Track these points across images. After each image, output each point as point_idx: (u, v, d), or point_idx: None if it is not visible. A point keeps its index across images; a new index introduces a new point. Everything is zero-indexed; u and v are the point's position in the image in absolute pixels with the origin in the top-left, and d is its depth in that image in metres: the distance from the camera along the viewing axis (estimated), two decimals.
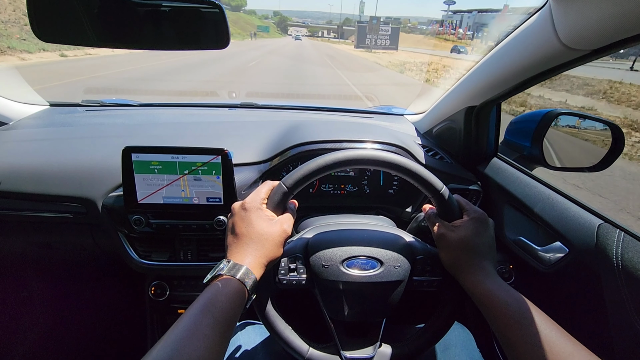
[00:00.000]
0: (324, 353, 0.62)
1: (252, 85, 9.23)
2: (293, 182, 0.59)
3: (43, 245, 1.04)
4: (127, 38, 0.64)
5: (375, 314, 0.64)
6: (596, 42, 0.50)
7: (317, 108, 1.40)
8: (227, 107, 1.38)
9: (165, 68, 11.73)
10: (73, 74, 8.99)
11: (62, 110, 1.27)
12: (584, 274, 0.65)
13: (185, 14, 0.64)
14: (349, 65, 19.81)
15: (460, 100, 0.92)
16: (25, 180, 0.88)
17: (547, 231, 0.75)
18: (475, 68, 0.83)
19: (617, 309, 0.59)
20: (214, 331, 0.44)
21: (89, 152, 0.95)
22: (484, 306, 0.52)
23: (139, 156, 0.80)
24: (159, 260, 0.91)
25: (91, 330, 1.37)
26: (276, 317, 0.61)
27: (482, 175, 0.96)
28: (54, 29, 0.61)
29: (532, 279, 0.80)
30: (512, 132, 0.97)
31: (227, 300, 0.47)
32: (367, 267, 0.60)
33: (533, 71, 0.66)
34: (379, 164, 0.60)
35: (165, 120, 1.22)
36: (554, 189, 0.78)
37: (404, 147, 0.97)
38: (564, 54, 0.56)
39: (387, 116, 1.37)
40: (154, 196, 0.83)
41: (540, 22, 0.58)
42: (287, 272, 0.61)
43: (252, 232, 0.55)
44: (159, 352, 0.40)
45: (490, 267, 0.56)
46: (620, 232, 0.61)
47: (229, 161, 0.81)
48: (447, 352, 0.77)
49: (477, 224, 0.59)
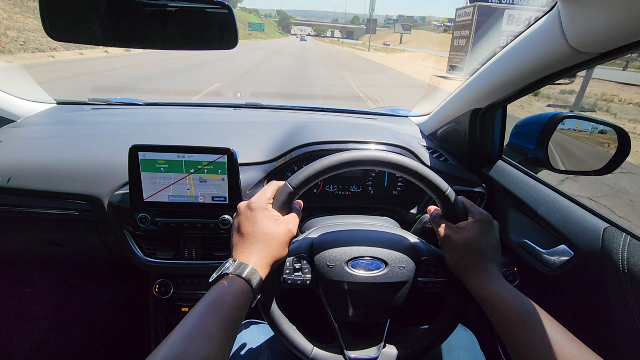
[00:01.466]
0: (328, 353, 0.62)
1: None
2: (299, 182, 0.59)
3: (49, 242, 1.05)
4: (134, 37, 0.65)
5: (379, 315, 0.64)
6: (605, 45, 0.50)
7: (321, 109, 1.41)
8: (232, 107, 1.39)
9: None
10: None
11: (69, 108, 1.28)
12: (590, 277, 0.65)
13: (193, 14, 0.64)
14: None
15: (466, 102, 0.92)
16: (32, 177, 0.88)
17: (552, 234, 0.75)
18: (481, 70, 0.83)
19: (623, 313, 0.58)
20: (219, 330, 0.44)
21: (96, 150, 0.95)
22: (489, 308, 0.52)
23: (146, 155, 0.80)
24: (163, 258, 0.92)
25: (95, 327, 1.38)
26: (281, 316, 0.61)
27: (487, 178, 0.96)
28: (65, 28, 0.62)
29: (537, 281, 0.80)
30: (517, 134, 0.97)
31: (233, 300, 0.48)
32: (371, 268, 0.60)
33: (540, 74, 0.66)
34: (384, 165, 0.60)
35: (171, 120, 1.23)
36: (559, 191, 0.78)
37: (408, 149, 0.98)
38: (572, 57, 0.56)
39: (391, 117, 1.37)
40: (160, 194, 0.83)
41: (549, 25, 0.58)
42: (292, 271, 0.62)
43: (257, 232, 0.55)
44: (166, 351, 0.40)
45: (495, 269, 0.56)
46: (626, 235, 0.61)
47: (235, 161, 0.81)
48: (450, 354, 0.76)
49: (482, 225, 0.59)
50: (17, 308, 1.31)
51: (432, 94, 1.34)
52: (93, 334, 1.37)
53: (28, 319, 1.33)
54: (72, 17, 0.62)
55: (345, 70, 16.88)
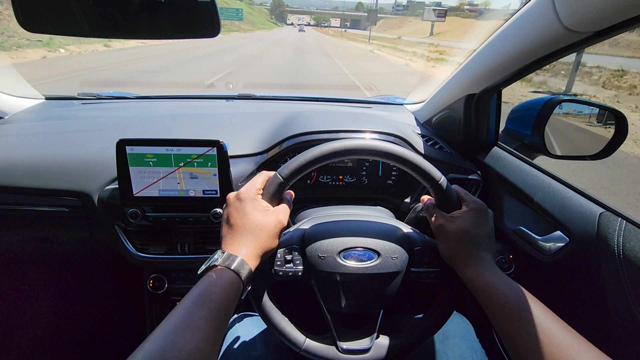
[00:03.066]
0: (321, 344, 0.61)
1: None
2: (289, 172, 0.58)
3: (40, 239, 1.04)
4: (121, 27, 0.62)
5: (372, 306, 0.64)
6: (598, 23, 0.49)
7: (315, 98, 1.39)
8: (224, 99, 1.37)
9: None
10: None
11: (58, 103, 1.26)
12: (585, 263, 0.64)
13: (177, 2, 0.62)
14: None
15: (460, 88, 0.91)
16: (21, 174, 0.87)
17: (548, 220, 0.74)
18: (474, 54, 0.81)
19: (618, 298, 0.58)
20: (208, 322, 0.44)
21: (85, 146, 0.94)
22: (483, 298, 0.51)
23: (134, 149, 0.79)
24: (156, 253, 0.91)
25: (90, 324, 1.38)
26: (272, 308, 0.61)
27: (482, 165, 0.95)
28: (42, 18, 0.59)
29: (532, 268, 0.79)
30: (513, 120, 0.95)
31: (222, 292, 0.47)
32: (364, 259, 0.60)
33: (534, 56, 0.64)
34: (377, 154, 0.59)
35: (162, 113, 1.21)
36: (555, 177, 0.77)
37: (402, 137, 0.96)
38: (566, 37, 0.54)
39: (386, 106, 1.35)
40: (150, 189, 0.82)
41: (541, 5, 0.56)
42: (284, 263, 0.61)
43: (247, 223, 0.54)
44: (152, 344, 0.40)
45: (489, 258, 0.55)
46: (622, 220, 0.60)
47: (225, 153, 0.80)
48: (446, 342, 0.76)
49: (476, 214, 0.58)
50: (11, 306, 1.31)
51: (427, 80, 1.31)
52: (88, 330, 1.37)
53: (23, 317, 1.33)
54: (52, 5, 0.59)
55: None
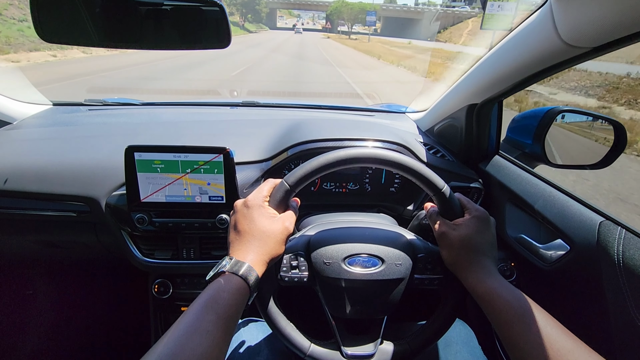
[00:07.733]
0: (326, 349, 0.62)
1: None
2: (295, 180, 0.59)
3: (47, 244, 1.05)
4: (129, 38, 0.64)
5: (376, 312, 0.64)
6: (597, 39, 0.50)
7: (318, 106, 1.41)
8: (229, 106, 1.39)
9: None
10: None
11: (65, 109, 1.28)
12: (586, 271, 0.65)
13: (186, 13, 0.64)
14: None
15: (462, 98, 0.92)
16: (29, 179, 0.88)
17: (549, 229, 0.75)
18: (476, 66, 0.83)
19: (618, 307, 0.59)
20: (216, 327, 0.45)
21: (92, 151, 0.95)
22: (485, 305, 0.52)
23: (142, 155, 0.80)
24: (162, 259, 0.92)
25: (95, 328, 1.38)
26: (278, 314, 0.61)
27: (484, 173, 0.96)
28: (57, 29, 0.62)
29: (534, 276, 0.80)
30: (514, 129, 0.97)
31: (230, 297, 0.48)
32: (368, 265, 0.61)
33: (534, 69, 0.66)
34: (381, 163, 0.60)
35: (168, 119, 1.23)
36: (555, 186, 0.78)
37: (405, 145, 0.97)
38: (565, 52, 0.56)
39: (388, 114, 1.37)
40: (157, 195, 0.84)
41: (541, 20, 0.58)
42: (289, 269, 0.62)
43: (254, 230, 0.55)
44: (163, 348, 0.41)
45: (491, 265, 0.56)
46: (621, 229, 0.61)
47: (231, 160, 0.81)
48: (448, 349, 0.77)
49: (478, 222, 0.59)
50: (17, 310, 1.32)
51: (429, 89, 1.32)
52: (93, 335, 1.38)
53: (28, 320, 1.33)
54: (65, 17, 0.61)
55: None
